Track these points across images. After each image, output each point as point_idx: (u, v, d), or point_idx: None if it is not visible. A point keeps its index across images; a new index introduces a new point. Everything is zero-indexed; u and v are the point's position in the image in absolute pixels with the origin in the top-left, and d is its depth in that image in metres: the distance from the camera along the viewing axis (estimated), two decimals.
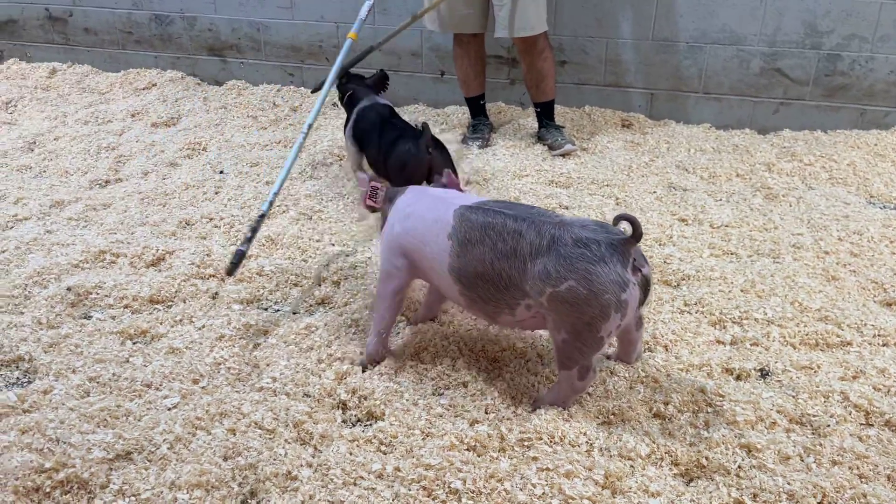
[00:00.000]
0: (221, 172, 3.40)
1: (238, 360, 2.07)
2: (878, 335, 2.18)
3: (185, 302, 2.36)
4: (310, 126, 2.74)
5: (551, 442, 1.75)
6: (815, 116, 3.93)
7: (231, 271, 2.25)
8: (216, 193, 3.17)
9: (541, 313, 1.77)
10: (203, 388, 1.95)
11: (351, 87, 3.32)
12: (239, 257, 2.25)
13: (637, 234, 1.65)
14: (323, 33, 4.55)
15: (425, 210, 1.96)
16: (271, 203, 2.44)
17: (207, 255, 2.61)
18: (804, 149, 3.68)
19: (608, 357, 2.05)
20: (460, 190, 2.16)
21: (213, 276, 2.51)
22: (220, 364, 2.04)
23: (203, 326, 2.21)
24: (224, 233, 2.82)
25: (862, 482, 1.64)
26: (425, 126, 2.67)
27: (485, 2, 3.57)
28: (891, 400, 1.90)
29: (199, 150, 3.73)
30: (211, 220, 2.91)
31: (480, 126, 3.94)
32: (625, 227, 1.70)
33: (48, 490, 1.60)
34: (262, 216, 2.38)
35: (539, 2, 3.50)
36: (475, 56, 3.81)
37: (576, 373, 1.78)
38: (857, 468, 1.68)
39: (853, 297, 2.38)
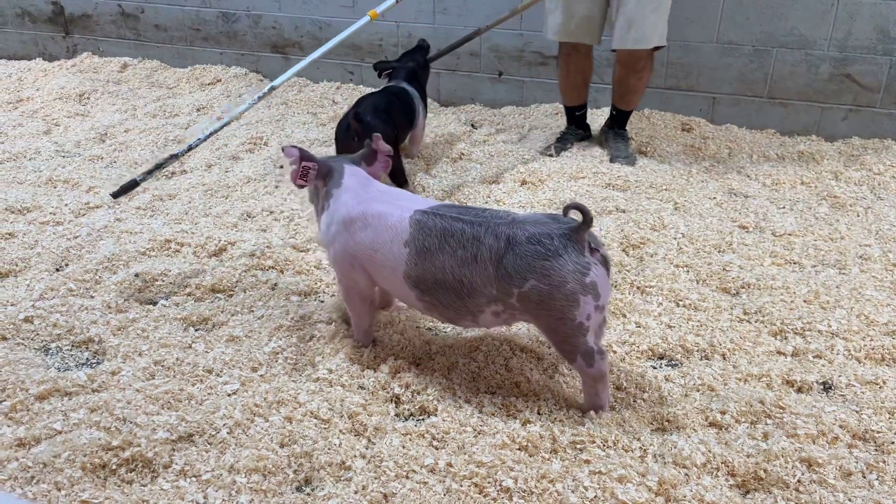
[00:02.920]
0: (281, 167, 3.47)
1: (295, 351, 2.11)
2: None
3: (245, 292, 2.42)
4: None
5: (604, 446, 1.75)
6: (886, 124, 3.79)
7: (117, 195, 2.48)
8: (276, 187, 3.24)
9: (513, 314, 1.81)
10: (261, 376, 2.00)
11: (389, 69, 3.63)
12: (130, 185, 2.47)
13: (587, 220, 1.68)
14: (383, 32, 4.60)
15: (375, 216, 1.90)
16: (190, 148, 2.65)
17: (267, 246, 2.68)
18: (874, 157, 3.55)
19: None
20: (387, 156, 2.15)
21: (273, 267, 2.57)
22: (277, 353, 2.09)
23: (262, 316, 2.27)
24: (283, 226, 2.88)
25: None
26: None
27: (604, 8, 3.39)
28: None
29: (261, 144, 3.82)
30: (271, 213, 2.98)
31: (569, 135, 3.84)
32: (575, 215, 1.74)
33: (114, 468, 1.67)
34: (175, 156, 2.62)
35: (661, 13, 3.30)
36: (581, 66, 3.67)
37: (581, 362, 1.78)
38: None
39: None
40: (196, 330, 2.23)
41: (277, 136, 3.90)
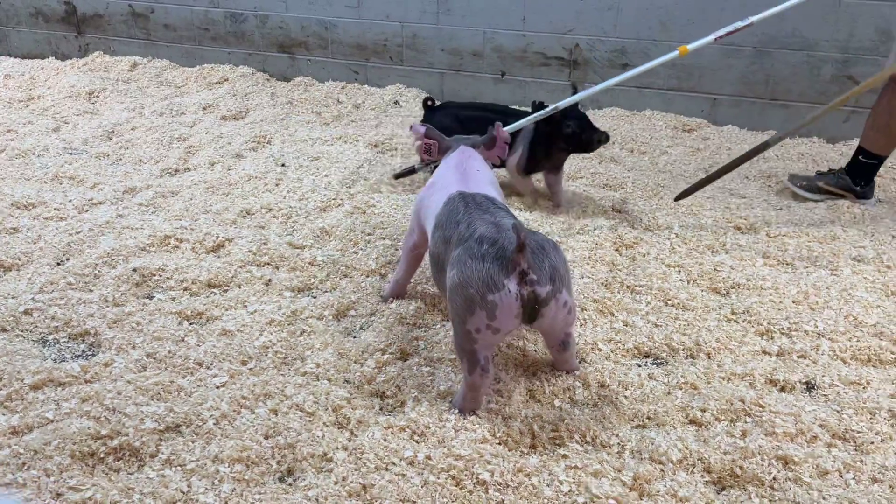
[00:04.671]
0: (283, 165, 3.52)
1: (285, 345, 2.15)
2: None
3: (240, 287, 2.47)
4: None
5: (583, 441, 1.77)
6: None
7: (398, 176, 2.94)
8: (276, 185, 3.29)
9: None
10: (251, 369, 2.04)
11: None
12: (409, 170, 2.91)
13: (518, 246, 1.65)
14: (388, 32, 4.65)
15: (439, 188, 2.10)
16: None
17: (264, 243, 2.72)
18: None
19: None
20: (505, 143, 2.31)
21: (268, 263, 2.61)
22: (268, 348, 2.13)
23: (255, 311, 2.31)
24: (281, 223, 2.93)
25: None
26: None
27: None
28: None
29: (264, 143, 3.87)
30: (270, 210, 3.03)
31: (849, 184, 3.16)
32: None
33: (102, 456, 1.71)
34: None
35: None
36: None
37: (463, 365, 1.80)
38: None
39: None
40: (190, 324, 2.28)
41: (281, 136, 3.96)
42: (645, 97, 4.22)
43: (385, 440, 1.75)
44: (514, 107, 3.54)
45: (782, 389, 1.99)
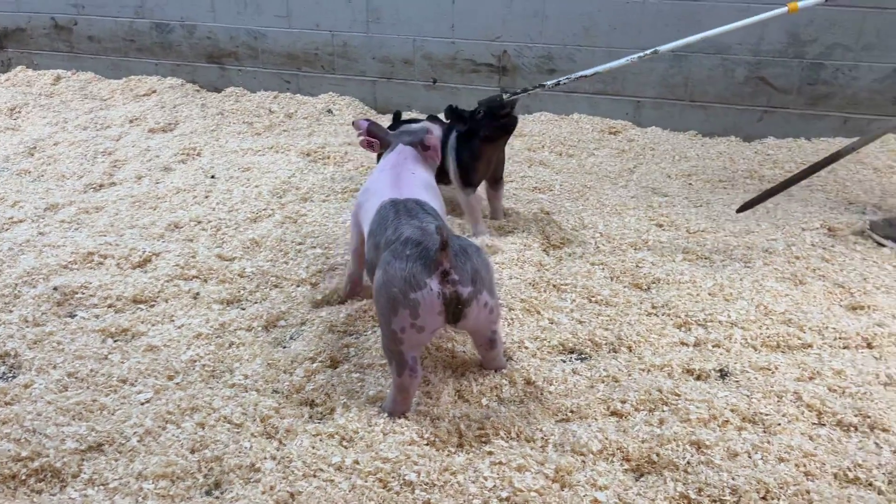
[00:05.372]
0: (213, 177, 3.49)
1: (213, 358, 2.14)
2: (839, 338, 2.22)
3: (167, 302, 2.44)
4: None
5: (507, 437, 1.82)
6: (799, 124, 3.98)
7: (512, 99, 2.81)
8: (206, 197, 3.26)
9: None
10: (177, 384, 2.03)
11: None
12: (524, 91, 2.83)
13: (440, 244, 1.69)
14: (319, 41, 4.65)
15: (372, 193, 2.14)
16: (558, 83, 2.91)
17: (192, 256, 2.69)
18: (787, 156, 3.72)
19: None
20: (434, 150, 2.32)
21: (196, 277, 2.59)
22: (195, 361, 2.12)
23: (182, 325, 2.29)
24: (210, 235, 2.90)
25: (807, 479, 1.69)
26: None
27: None
28: (844, 401, 1.94)
29: (194, 155, 3.83)
30: (199, 222, 3.00)
31: None
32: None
33: (24, 478, 1.68)
34: (543, 86, 2.93)
35: None
36: None
37: (392, 367, 1.84)
38: (804, 466, 1.72)
39: (818, 301, 2.42)
40: (114, 341, 2.24)
41: (211, 147, 3.91)
42: (572, 101, 4.34)
43: (313, 447, 1.77)
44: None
45: (698, 378, 2.08)
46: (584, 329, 2.28)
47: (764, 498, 1.63)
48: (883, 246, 2.83)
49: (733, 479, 1.67)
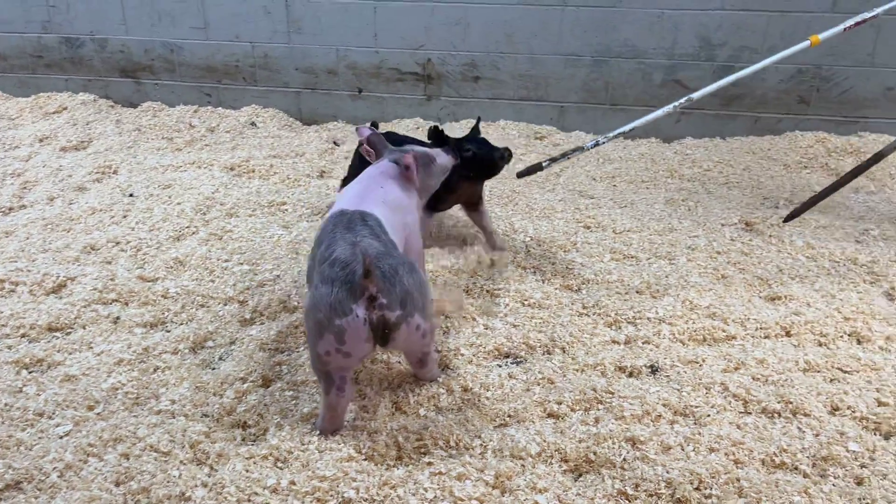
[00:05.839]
0: (131, 195, 3.35)
1: (137, 385, 2.05)
2: (760, 328, 2.31)
3: (84, 328, 2.32)
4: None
5: (447, 447, 1.80)
6: (714, 124, 4.14)
7: (522, 174, 2.65)
8: (124, 217, 3.13)
9: None
10: (98, 414, 1.93)
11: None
12: (535, 168, 2.63)
13: (363, 272, 1.66)
14: (239, 53, 4.55)
15: (337, 202, 2.07)
16: (597, 143, 2.74)
17: (111, 279, 2.58)
18: (704, 155, 3.86)
19: None
20: (409, 171, 2.18)
21: (116, 300, 2.48)
22: (117, 389, 2.02)
23: (102, 352, 2.18)
24: (130, 256, 2.78)
25: (737, 467, 1.74)
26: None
27: None
28: (768, 389, 2.01)
29: (110, 173, 3.67)
30: (117, 243, 2.87)
31: None
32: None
33: None
34: (581, 148, 2.73)
35: None
36: None
37: (321, 385, 1.81)
38: (733, 454, 1.78)
39: (740, 294, 2.51)
40: (29, 372, 2.12)
41: (129, 164, 3.76)
42: (497, 107, 4.38)
43: (247, 471, 1.71)
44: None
45: (630, 375, 2.12)
46: (518, 333, 2.29)
47: (697, 488, 1.67)
48: None
49: (668, 472, 1.71)
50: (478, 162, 2.60)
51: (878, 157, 2.92)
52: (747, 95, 4.05)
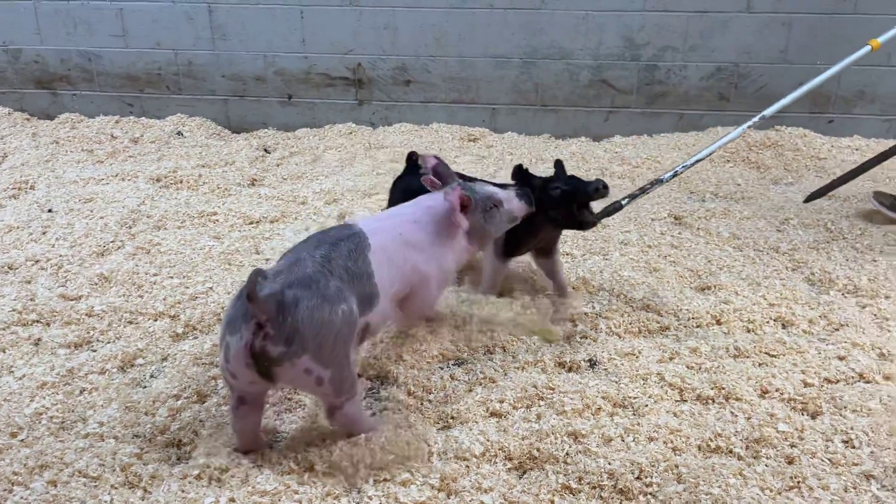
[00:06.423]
0: (50, 211, 3.20)
1: (62, 408, 1.95)
2: (692, 318, 2.38)
3: (3, 352, 2.20)
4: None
5: (393, 454, 1.78)
6: (641, 122, 4.25)
7: (600, 216, 2.42)
8: (43, 233, 2.98)
9: None
10: (22, 440, 1.82)
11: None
12: (615, 209, 2.50)
13: (246, 294, 1.49)
14: (161, 61, 4.41)
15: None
16: (675, 174, 2.63)
17: (31, 299, 2.45)
18: (632, 152, 3.96)
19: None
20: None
21: (37, 321, 2.36)
22: (41, 414, 1.92)
23: (24, 376, 2.07)
24: (51, 274, 2.65)
25: (675, 454, 1.78)
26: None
27: None
28: (701, 376, 2.07)
29: (26, 188, 3.50)
30: (36, 262, 2.73)
31: None
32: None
33: None
34: (660, 181, 2.61)
35: None
36: None
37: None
38: (671, 442, 1.82)
39: (672, 286, 2.58)
40: None
41: (47, 179, 3.60)
42: (430, 111, 4.39)
43: (183, 491, 1.64)
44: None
45: (570, 370, 2.14)
46: (460, 334, 2.28)
47: (638, 478, 1.70)
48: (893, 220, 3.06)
49: (609, 463, 1.73)
50: (569, 199, 2.23)
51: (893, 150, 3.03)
52: (671, 93, 4.18)
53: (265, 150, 4.12)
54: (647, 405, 1.96)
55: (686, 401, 1.99)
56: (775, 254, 2.84)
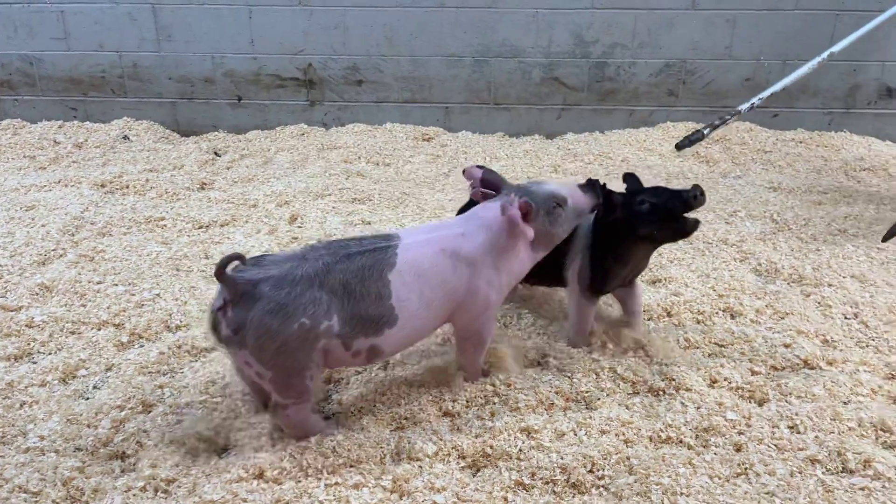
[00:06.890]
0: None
1: (2, 422, 1.88)
2: (644, 311, 2.39)
3: None
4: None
5: (346, 458, 1.75)
6: (593, 119, 4.29)
7: (682, 146, 2.57)
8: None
9: None
10: None
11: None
12: (697, 138, 2.59)
13: (216, 269, 1.58)
14: (105, 63, 4.30)
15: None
16: (752, 106, 2.72)
17: None
18: (585, 149, 4.00)
19: None
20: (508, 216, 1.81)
21: None
22: None
23: None
24: None
25: (627, 446, 1.79)
26: None
27: None
28: (653, 368, 2.09)
29: None
30: None
31: None
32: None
33: None
34: (738, 112, 2.71)
35: None
36: None
37: None
38: (623, 434, 1.83)
39: None
40: None
41: None
42: (383, 111, 4.36)
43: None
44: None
45: (525, 366, 2.14)
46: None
47: (591, 471, 1.70)
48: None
49: (562, 458, 1.73)
50: (662, 214, 1.96)
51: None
52: (621, 90, 4.23)
53: (215, 154, 4.05)
54: (599, 399, 1.97)
55: (638, 393, 2.01)
56: (724, 245, 2.89)
